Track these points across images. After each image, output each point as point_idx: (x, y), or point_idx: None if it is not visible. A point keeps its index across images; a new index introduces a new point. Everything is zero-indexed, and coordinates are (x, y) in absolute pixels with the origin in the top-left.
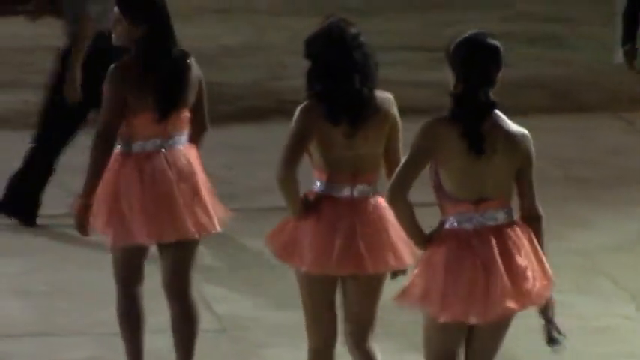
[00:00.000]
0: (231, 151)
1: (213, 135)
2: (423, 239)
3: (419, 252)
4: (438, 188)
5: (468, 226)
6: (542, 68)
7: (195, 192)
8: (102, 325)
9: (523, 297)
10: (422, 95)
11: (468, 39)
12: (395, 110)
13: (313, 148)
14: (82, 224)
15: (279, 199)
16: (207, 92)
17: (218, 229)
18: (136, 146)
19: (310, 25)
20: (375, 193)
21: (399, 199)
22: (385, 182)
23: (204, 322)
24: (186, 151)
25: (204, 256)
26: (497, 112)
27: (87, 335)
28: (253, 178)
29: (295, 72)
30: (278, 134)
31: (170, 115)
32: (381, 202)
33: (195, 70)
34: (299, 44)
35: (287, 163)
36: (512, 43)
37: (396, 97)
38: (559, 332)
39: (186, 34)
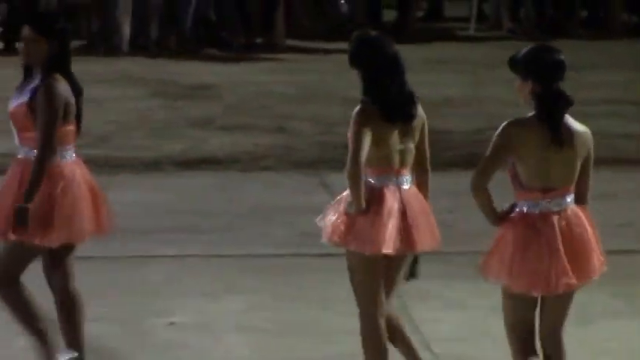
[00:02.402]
0: (453, 195)
1: (436, 179)
2: (497, 220)
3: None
4: (514, 178)
5: (535, 210)
6: None
7: None
8: None
9: (583, 273)
10: (632, 146)
11: (544, 49)
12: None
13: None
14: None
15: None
16: (430, 139)
17: None
18: (67, 154)
19: None
20: (413, 181)
21: (480, 189)
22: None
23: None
24: None
25: (423, 298)
26: None
27: None
28: (472, 222)
29: None
30: None
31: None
32: (416, 189)
33: None
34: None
35: (356, 160)
36: None
37: (607, 148)
38: None
39: (413, 82)
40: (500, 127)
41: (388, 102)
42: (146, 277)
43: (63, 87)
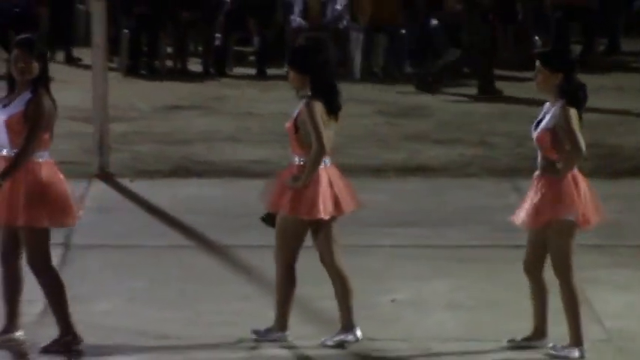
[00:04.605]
0: (622, 198)
1: (609, 185)
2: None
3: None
4: (560, 145)
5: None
6: None
7: None
8: (512, 333)
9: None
10: None
11: (569, 51)
12: None
13: (306, 131)
14: None
15: None
16: (603, 152)
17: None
18: (44, 155)
19: None
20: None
21: None
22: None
23: (593, 332)
24: None
25: (595, 282)
26: None
27: (501, 342)
28: (638, 221)
29: None
30: None
31: None
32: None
33: None
34: None
35: (323, 142)
36: None
37: None
38: None
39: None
40: (570, 110)
41: (332, 97)
42: (370, 262)
43: (48, 101)
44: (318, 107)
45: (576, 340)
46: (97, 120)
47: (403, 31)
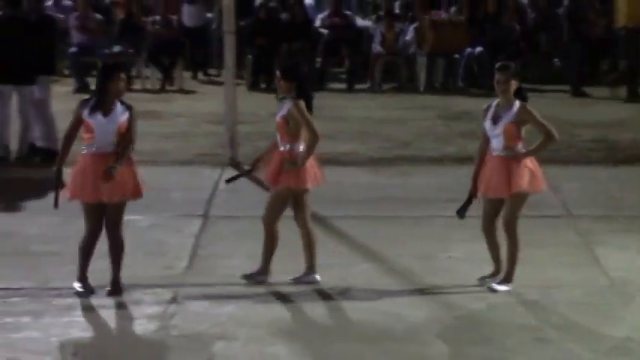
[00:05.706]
0: (618, 180)
1: (609, 171)
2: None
3: None
4: (519, 133)
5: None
6: None
7: None
8: (531, 279)
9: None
10: None
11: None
12: None
13: (294, 124)
14: None
15: None
16: (604, 145)
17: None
18: None
19: None
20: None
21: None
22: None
23: (601, 281)
24: None
25: (601, 243)
26: None
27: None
28: (632, 197)
29: None
30: None
31: None
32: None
33: None
34: None
35: (316, 131)
36: None
37: None
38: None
39: (600, 111)
40: (530, 108)
41: (310, 99)
42: (432, 229)
43: None
44: (304, 105)
45: (507, 276)
46: (228, 123)
47: (456, 56)
